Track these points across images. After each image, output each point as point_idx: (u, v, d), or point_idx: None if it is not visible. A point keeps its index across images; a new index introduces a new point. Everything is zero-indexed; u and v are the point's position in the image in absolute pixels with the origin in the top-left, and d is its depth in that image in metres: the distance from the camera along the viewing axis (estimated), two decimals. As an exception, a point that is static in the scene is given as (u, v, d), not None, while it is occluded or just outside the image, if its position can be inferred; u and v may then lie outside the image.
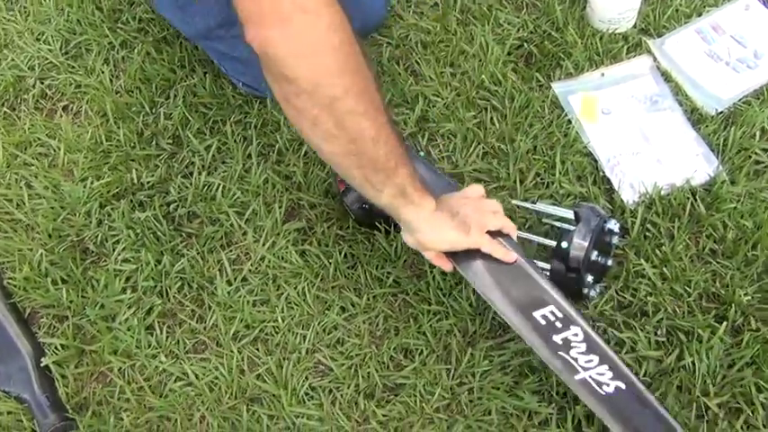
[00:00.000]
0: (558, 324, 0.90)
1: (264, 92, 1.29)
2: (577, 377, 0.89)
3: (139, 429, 1.00)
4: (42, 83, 1.42)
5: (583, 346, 0.89)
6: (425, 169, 1.05)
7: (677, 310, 1.03)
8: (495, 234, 0.95)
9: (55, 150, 1.30)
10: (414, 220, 0.91)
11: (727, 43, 1.32)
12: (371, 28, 1.39)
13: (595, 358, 0.89)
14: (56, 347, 1.07)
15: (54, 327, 1.10)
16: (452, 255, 0.95)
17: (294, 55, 0.74)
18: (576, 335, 0.90)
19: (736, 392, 0.97)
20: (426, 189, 0.90)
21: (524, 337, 0.91)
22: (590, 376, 0.88)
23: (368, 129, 0.80)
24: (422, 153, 1.17)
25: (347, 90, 0.77)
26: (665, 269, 1.06)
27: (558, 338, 0.90)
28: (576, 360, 0.89)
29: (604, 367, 0.88)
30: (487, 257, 0.93)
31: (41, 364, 1.05)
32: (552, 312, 0.91)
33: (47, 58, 1.44)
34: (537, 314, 0.91)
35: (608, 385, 0.88)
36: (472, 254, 0.94)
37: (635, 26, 1.36)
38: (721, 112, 1.23)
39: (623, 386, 0.88)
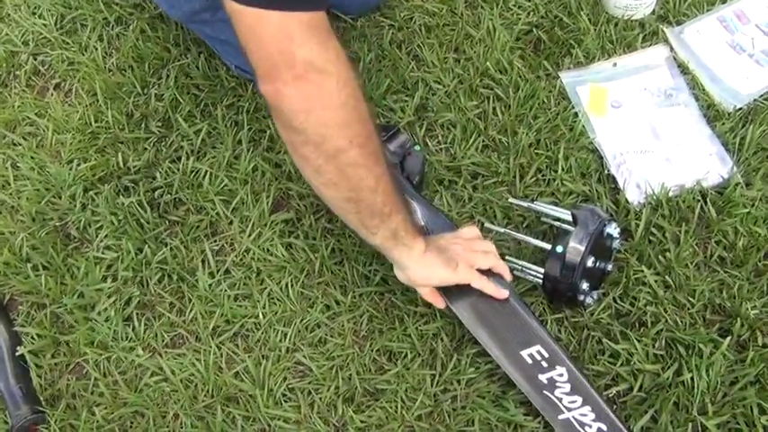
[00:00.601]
0: (544, 363, 0.90)
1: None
2: (561, 417, 0.88)
3: (111, 425, 0.97)
4: (35, 59, 1.38)
5: (567, 387, 0.89)
6: (424, 208, 1.03)
7: (679, 321, 0.97)
8: (487, 273, 0.94)
9: (43, 130, 1.27)
10: (404, 260, 0.92)
11: (751, 33, 1.23)
12: (374, 5, 1.32)
13: (579, 399, 0.89)
14: (32, 337, 1.04)
15: (31, 315, 1.07)
16: (444, 291, 0.96)
17: (305, 110, 0.77)
18: (561, 375, 0.90)
19: (737, 413, 0.91)
20: (418, 230, 0.92)
21: (510, 374, 0.92)
22: (573, 417, 0.88)
23: (367, 179, 0.83)
24: (418, 147, 1.11)
25: (351, 142, 0.80)
26: (668, 277, 1.00)
27: (543, 378, 0.90)
28: (560, 400, 0.89)
29: (587, 408, 0.88)
30: (479, 295, 0.94)
31: (17, 353, 1.03)
32: (539, 352, 0.91)
33: (41, 33, 1.41)
34: (524, 353, 0.91)
35: (590, 426, 0.88)
36: (463, 291, 0.94)
37: (653, 12, 1.27)
38: (740, 109, 1.15)
39: (605, 428, 0.87)
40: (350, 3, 1.30)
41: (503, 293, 0.94)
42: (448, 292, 0.97)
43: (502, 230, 1.04)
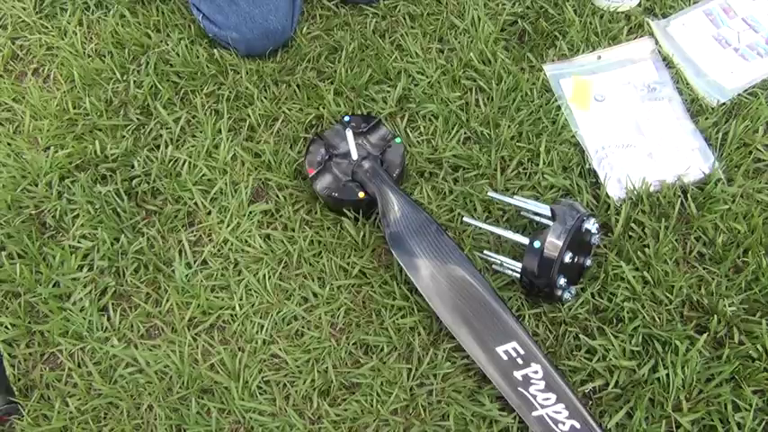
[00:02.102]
0: (520, 360, 0.90)
1: (225, 29, 1.23)
2: (534, 414, 0.88)
3: (85, 416, 0.96)
4: (14, 43, 1.36)
5: (542, 384, 0.89)
6: (404, 202, 1.02)
7: (656, 317, 0.97)
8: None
9: (20, 116, 1.25)
10: None
11: (737, 27, 1.23)
12: None
13: (553, 396, 0.88)
14: (6, 326, 1.03)
15: (5, 304, 1.06)
16: (422, 286, 0.96)
17: None
18: (536, 372, 0.90)
19: (712, 410, 0.91)
20: None
21: (486, 370, 0.91)
22: (547, 414, 0.88)
23: None
24: (398, 139, 1.10)
25: None
26: (646, 273, 1.00)
27: (518, 375, 0.90)
28: (534, 397, 0.89)
29: (561, 405, 0.88)
30: (456, 290, 0.95)
31: (-10, 343, 1.02)
32: (515, 349, 0.91)
33: (20, 17, 1.38)
34: (500, 349, 0.91)
35: (564, 424, 0.88)
36: (440, 287, 0.95)
37: (639, 4, 1.26)
38: (724, 104, 1.14)
39: (578, 425, 0.87)
40: None
41: None
42: (425, 287, 0.96)
43: (481, 225, 1.03)
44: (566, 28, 1.24)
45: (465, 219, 1.05)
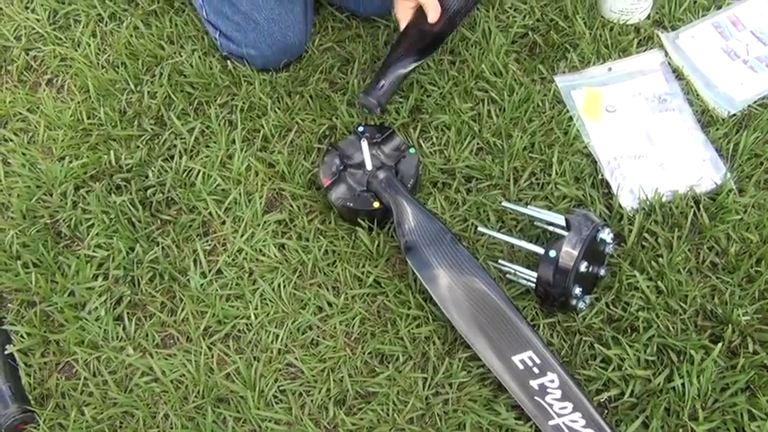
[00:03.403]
0: (536, 370, 0.91)
1: (242, 47, 1.24)
2: (551, 422, 0.89)
3: (101, 425, 0.96)
4: (28, 54, 1.37)
5: (558, 393, 0.89)
6: (419, 212, 1.02)
7: (670, 327, 0.97)
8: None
9: (35, 126, 1.26)
10: None
11: (746, 39, 1.24)
12: (387, 9, 1.31)
13: (569, 405, 0.89)
14: (22, 335, 1.04)
15: (21, 313, 1.06)
16: (437, 295, 0.97)
17: None
18: (552, 381, 0.90)
19: (728, 419, 0.91)
20: None
21: (502, 379, 0.92)
22: (563, 423, 0.89)
23: None
24: (412, 149, 1.11)
25: None
26: (660, 282, 1.00)
27: (534, 384, 0.90)
28: (551, 406, 0.89)
29: (577, 415, 0.88)
30: (471, 299, 0.96)
31: (6, 352, 1.02)
32: (530, 358, 0.91)
33: (34, 28, 1.40)
34: (516, 358, 0.92)
35: None
36: (456, 296, 0.96)
37: (648, 17, 1.28)
38: (734, 115, 1.15)
39: None
40: (367, 5, 1.29)
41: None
42: (441, 296, 0.97)
43: (495, 234, 1.04)
44: (576, 40, 1.25)
45: (479, 228, 1.06)
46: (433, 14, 1.06)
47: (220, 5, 1.22)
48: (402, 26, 1.11)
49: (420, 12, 1.08)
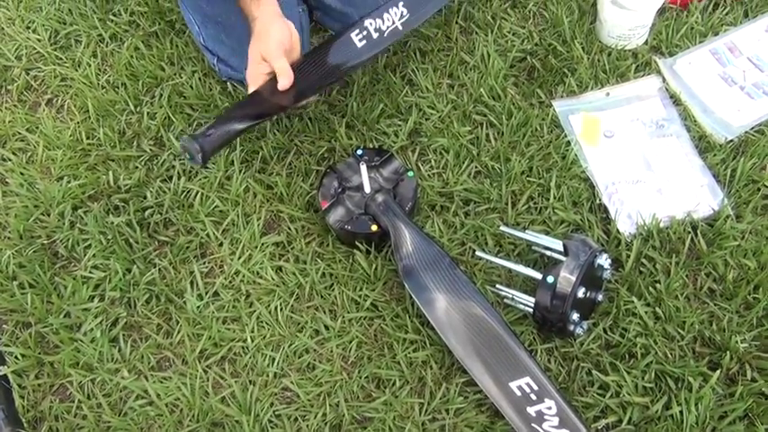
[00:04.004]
0: (533, 396, 0.90)
1: (241, 72, 1.24)
2: None
3: (94, 449, 0.96)
4: (28, 74, 1.37)
5: (555, 420, 0.88)
6: (417, 236, 1.02)
7: (668, 353, 0.97)
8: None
9: (34, 146, 1.26)
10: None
11: (743, 66, 1.25)
12: None
13: None
14: (16, 357, 1.03)
15: (16, 334, 1.06)
16: (435, 321, 0.96)
17: None
18: (549, 408, 0.89)
19: (726, 448, 0.90)
20: None
21: (499, 405, 0.91)
22: None
23: None
24: (411, 173, 1.11)
25: None
26: (658, 308, 1.00)
27: (531, 410, 0.89)
28: None
29: None
30: (468, 325, 0.95)
31: (0, 374, 1.01)
32: (528, 384, 0.90)
33: (35, 48, 1.40)
34: (513, 384, 0.91)
35: None
36: (453, 321, 0.95)
37: (646, 43, 1.29)
38: (731, 141, 1.16)
39: None
40: None
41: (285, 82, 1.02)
42: (438, 320, 0.96)
43: (493, 259, 1.04)
44: (574, 65, 1.26)
45: (477, 252, 1.05)
46: (285, 81, 1.02)
47: (216, 32, 1.23)
48: (251, 89, 1.06)
49: (272, 81, 1.04)
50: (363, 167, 1.10)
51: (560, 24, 1.30)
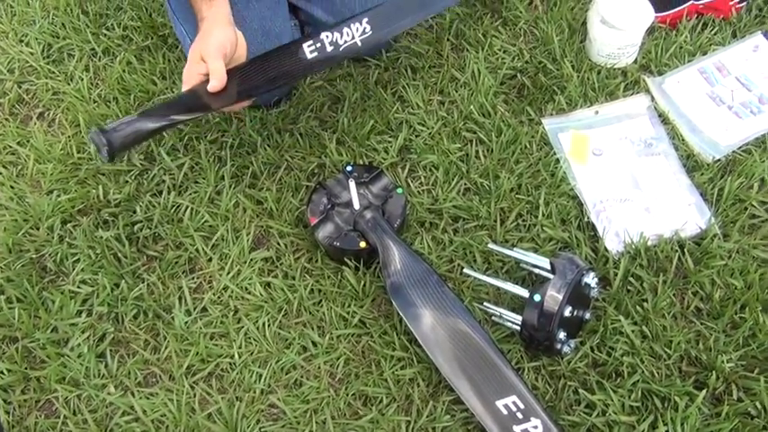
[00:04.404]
0: (520, 415, 0.90)
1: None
2: None
3: (79, 465, 0.95)
4: (20, 87, 1.38)
5: None
6: (405, 253, 1.03)
7: (655, 372, 0.97)
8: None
9: (24, 160, 1.26)
10: None
11: (731, 85, 1.26)
12: (380, 48, 1.33)
13: None
14: (2, 372, 1.02)
15: (2, 349, 1.05)
16: (422, 338, 0.96)
17: None
18: (535, 427, 0.89)
19: (712, 468, 0.90)
20: None
21: (485, 424, 0.91)
22: None
23: None
24: (400, 189, 1.11)
25: None
26: (645, 327, 1.00)
27: (518, 429, 0.89)
28: None
29: None
30: (456, 343, 0.95)
31: (-15, 389, 1.01)
32: (514, 402, 0.90)
33: (27, 62, 1.41)
34: (499, 403, 0.91)
35: None
36: (439, 339, 0.95)
37: (635, 62, 1.30)
38: (719, 160, 1.16)
39: None
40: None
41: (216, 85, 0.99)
42: (425, 338, 0.96)
43: (480, 276, 1.04)
44: (564, 83, 1.27)
45: (465, 270, 1.06)
46: (215, 83, 0.99)
47: None
48: (184, 88, 1.02)
49: (205, 84, 1.00)
50: (352, 184, 1.11)
51: (550, 43, 1.31)
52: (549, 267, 0.98)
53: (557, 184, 1.15)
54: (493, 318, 1.03)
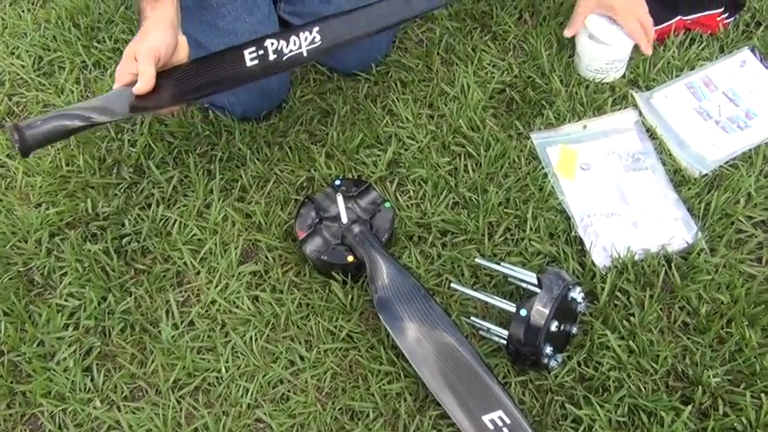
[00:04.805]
0: (506, 430, 0.89)
1: (221, 98, 1.25)
2: None
3: (63, 481, 0.95)
4: (10, 99, 1.38)
5: None
6: (392, 268, 1.03)
7: (642, 387, 0.97)
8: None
9: (13, 172, 1.26)
10: None
11: (718, 100, 1.27)
12: (368, 64, 1.34)
13: None
14: (-13, 385, 1.02)
15: (-12, 362, 1.05)
16: (408, 353, 0.96)
17: None
18: None
19: (698, 483, 0.90)
20: None
21: None
22: None
23: None
24: (388, 204, 1.12)
25: None
26: (632, 342, 1.00)
27: None
28: None
29: None
30: (442, 357, 0.95)
31: (-30, 402, 1.00)
32: (501, 418, 0.90)
33: (18, 74, 1.41)
34: (486, 418, 0.90)
35: None
36: (426, 353, 0.95)
37: (623, 77, 1.30)
38: (706, 175, 1.17)
39: None
40: (346, 61, 1.31)
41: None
42: (411, 352, 0.96)
43: (468, 291, 1.04)
44: (552, 97, 1.27)
45: (452, 285, 1.06)
46: (141, 85, 0.97)
47: (198, 53, 1.22)
48: (115, 86, 1.01)
49: (132, 84, 0.98)
50: (340, 198, 1.11)
51: (539, 57, 1.32)
52: (535, 282, 0.98)
53: (545, 198, 1.16)
54: (480, 332, 1.03)
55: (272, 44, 1.06)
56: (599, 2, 1.24)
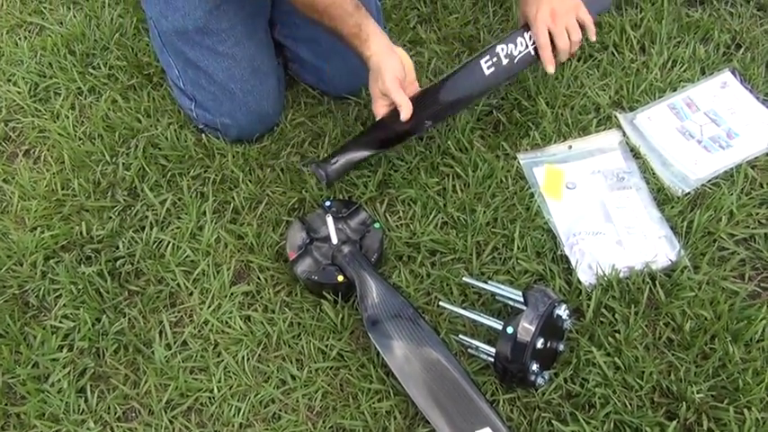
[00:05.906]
0: None
1: (218, 117, 1.28)
2: None
3: (57, 501, 0.95)
4: (7, 125, 1.40)
5: None
6: (382, 287, 1.05)
7: (627, 403, 0.99)
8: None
9: (9, 196, 1.28)
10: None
11: (700, 120, 1.29)
12: (358, 87, 1.36)
13: None
14: (-18, 407, 1.03)
15: (-17, 384, 1.06)
16: (397, 371, 0.98)
17: None
18: None
19: (683, 498, 0.92)
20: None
21: None
22: None
23: None
24: (377, 224, 1.14)
25: None
26: (617, 358, 1.02)
27: None
28: None
29: None
30: (431, 375, 0.97)
31: (-35, 424, 1.01)
32: None
33: (14, 100, 1.43)
34: None
35: None
36: (414, 371, 0.97)
37: (609, 98, 1.33)
38: (688, 193, 1.19)
39: None
40: (336, 85, 1.34)
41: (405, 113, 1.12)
42: (400, 370, 0.98)
43: (456, 309, 1.06)
44: (538, 119, 1.30)
45: (441, 303, 1.08)
46: (405, 113, 1.12)
47: (197, 77, 1.27)
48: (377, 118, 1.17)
49: (395, 110, 1.13)
50: (330, 219, 1.13)
51: (525, 80, 1.35)
52: (522, 300, 1.00)
53: (531, 217, 1.18)
54: (469, 350, 1.04)
55: (503, 49, 1.18)
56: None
